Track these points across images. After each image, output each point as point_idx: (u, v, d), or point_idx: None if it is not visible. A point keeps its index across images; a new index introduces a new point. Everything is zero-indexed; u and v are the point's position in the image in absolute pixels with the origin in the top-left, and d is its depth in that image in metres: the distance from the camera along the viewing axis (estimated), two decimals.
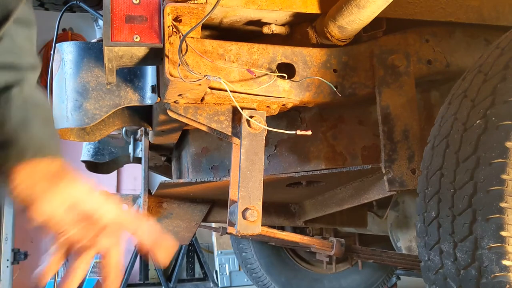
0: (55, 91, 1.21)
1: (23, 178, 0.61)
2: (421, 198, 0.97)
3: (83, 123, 1.14)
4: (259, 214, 1.09)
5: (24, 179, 0.61)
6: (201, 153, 1.60)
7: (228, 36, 1.24)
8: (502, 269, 0.78)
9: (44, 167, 0.62)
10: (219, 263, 4.88)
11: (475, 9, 1.32)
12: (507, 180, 0.80)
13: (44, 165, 0.62)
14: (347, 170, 1.31)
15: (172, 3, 1.01)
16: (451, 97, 0.99)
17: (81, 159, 2.26)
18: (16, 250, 4.05)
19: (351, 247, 1.84)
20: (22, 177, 0.61)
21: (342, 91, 1.22)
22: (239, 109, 1.09)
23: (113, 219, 0.63)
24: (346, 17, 1.11)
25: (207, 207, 1.85)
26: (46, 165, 0.62)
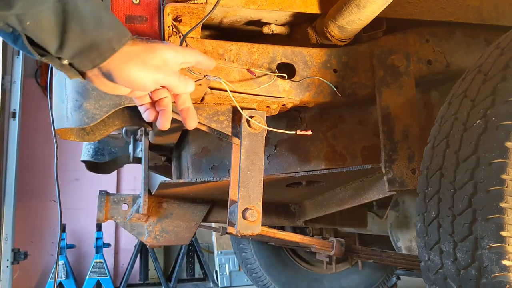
0: (55, 91, 1.21)
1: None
2: (421, 198, 0.97)
3: (83, 123, 1.14)
4: (259, 214, 1.09)
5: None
6: (201, 153, 1.60)
7: (228, 36, 1.24)
8: (502, 269, 0.78)
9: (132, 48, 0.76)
10: (219, 263, 4.88)
11: (475, 9, 1.32)
12: (507, 180, 0.80)
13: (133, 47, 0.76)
14: (347, 170, 1.31)
15: (172, 3, 1.01)
16: (451, 97, 0.99)
17: (81, 159, 2.26)
18: (16, 250, 4.05)
19: (351, 247, 1.84)
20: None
21: (342, 91, 1.22)
22: (239, 109, 1.09)
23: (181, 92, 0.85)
24: (346, 17, 1.11)
25: (207, 207, 1.85)
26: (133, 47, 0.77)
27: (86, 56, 0.73)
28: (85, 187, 4.80)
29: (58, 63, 0.73)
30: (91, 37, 0.71)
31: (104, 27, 0.73)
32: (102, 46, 0.73)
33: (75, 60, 0.73)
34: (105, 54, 0.73)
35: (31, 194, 4.73)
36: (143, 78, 0.77)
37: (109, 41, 0.73)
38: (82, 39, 0.71)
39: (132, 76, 0.76)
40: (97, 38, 0.72)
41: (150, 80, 0.78)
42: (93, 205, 2.26)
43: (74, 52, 0.71)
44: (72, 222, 4.66)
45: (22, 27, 0.67)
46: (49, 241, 4.79)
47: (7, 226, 4.00)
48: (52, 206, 4.80)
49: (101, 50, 0.73)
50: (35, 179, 4.76)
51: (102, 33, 0.72)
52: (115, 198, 1.81)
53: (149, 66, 0.78)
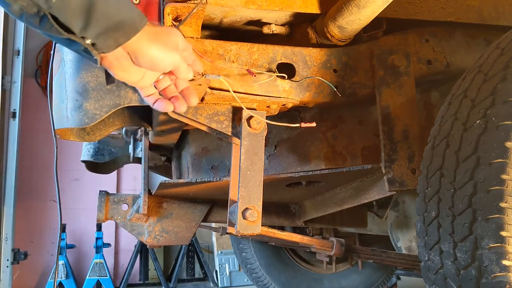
0: (55, 91, 1.21)
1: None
2: (421, 198, 0.97)
3: (83, 123, 1.14)
4: (259, 214, 1.09)
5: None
6: (201, 153, 1.60)
7: (228, 36, 1.24)
8: (502, 269, 0.78)
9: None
10: (219, 263, 4.88)
11: (475, 9, 1.32)
12: (507, 180, 0.80)
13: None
14: (347, 170, 1.31)
15: (172, 3, 1.01)
16: (451, 97, 0.99)
17: (81, 159, 2.26)
18: (16, 250, 4.05)
19: (351, 247, 1.84)
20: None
21: (342, 91, 1.22)
22: (242, 107, 1.09)
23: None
24: (346, 17, 1.11)
25: (207, 207, 1.85)
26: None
27: (111, 35, 0.74)
28: (85, 187, 4.80)
29: (82, 42, 0.74)
30: (116, 17, 0.73)
31: (127, 8, 0.76)
32: (126, 26, 0.75)
33: (99, 40, 0.74)
34: (129, 33, 0.76)
35: (31, 194, 4.73)
36: (164, 57, 0.82)
37: (132, 22, 0.76)
38: (107, 18, 0.73)
39: (154, 55, 0.80)
40: (122, 18, 0.74)
41: (170, 59, 0.83)
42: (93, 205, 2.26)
43: (99, 31, 0.73)
44: (72, 222, 4.66)
45: (48, 5, 0.67)
46: (49, 241, 4.79)
47: (7, 226, 4.00)
48: (52, 206, 4.80)
49: (125, 30, 0.75)
50: (35, 179, 4.76)
51: (126, 13, 0.75)
52: (115, 198, 1.81)
53: (168, 47, 0.82)
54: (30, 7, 0.67)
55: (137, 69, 0.84)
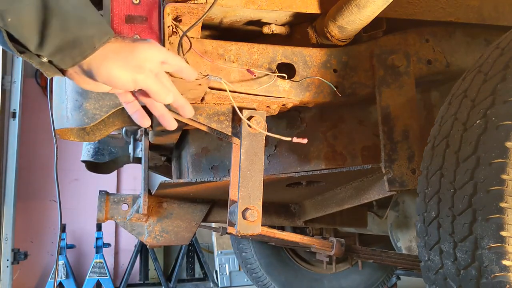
0: (55, 91, 1.21)
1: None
2: (421, 198, 0.97)
3: (83, 123, 1.14)
4: (259, 214, 1.09)
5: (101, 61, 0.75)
6: (201, 153, 1.60)
7: (228, 36, 1.24)
8: (502, 269, 0.78)
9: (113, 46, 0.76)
10: (219, 263, 4.88)
11: (475, 9, 1.32)
12: (507, 180, 0.80)
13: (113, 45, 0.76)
14: (347, 170, 1.31)
15: (172, 3, 1.01)
16: (451, 97, 0.99)
17: (81, 159, 2.26)
18: (16, 250, 4.05)
19: (351, 247, 1.84)
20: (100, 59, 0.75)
21: (342, 91, 1.22)
22: (238, 112, 1.09)
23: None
24: (346, 17, 1.11)
25: (207, 207, 1.85)
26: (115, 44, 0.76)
27: (67, 53, 0.72)
28: (85, 187, 4.80)
29: (37, 60, 0.72)
30: (72, 34, 0.71)
31: (85, 25, 0.72)
32: (83, 44, 0.72)
33: (55, 58, 0.72)
34: (86, 52, 0.73)
35: (31, 194, 4.73)
36: (122, 76, 0.76)
37: (90, 39, 0.73)
38: (63, 36, 0.70)
39: (111, 74, 0.75)
40: (78, 35, 0.71)
41: (129, 79, 0.77)
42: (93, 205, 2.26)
43: (54, 49, 0.71)
44: (72, 222, 4.66)
45: (4, 23, 0.66)
46: (49, 241, 4.79)
47: (7, 226, 4.00)
48: (52, 206, 4.80)
49: (82, 48, 0.72)
50: (35, 179, 4.76)
51: (83, 30, 0.72)
52: (115, 198, 1.81)
53: (129, 65, 0.77)
54: None
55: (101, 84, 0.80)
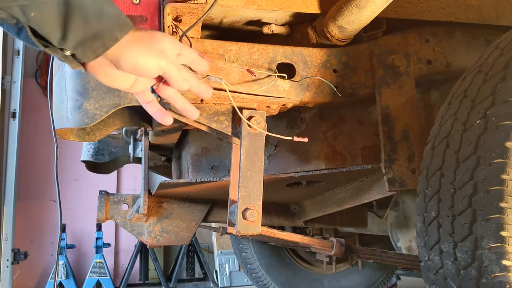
0: (55, 91, 1.21)
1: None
2: (421, 198, 0.97)
3: (83, 123, 1.14)
4: (259, 214, 1.09)
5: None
6: (201, 153, 1.60)
7: (228, 36, 1.24)
8: (502, 269, 0.77)
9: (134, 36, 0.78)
10: (219, 263, 4.88)
11: (475, 9, 1.32)
12: (507, 180, 0.80)
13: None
14: (347, 170, 1.31)
15: (172, 3, 1.01)
16: (451, 97, 0.99)
17: (81, 159, 2.26)
18: (16, 250, 4.05)
19: (351, 247, 1.84)
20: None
21: (342, 91, 1.22)
22: (237, 111, 1.09)
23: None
24: (346, 17, 1.11)
25: (207, 207, 1.85)
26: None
27: (89, 46, 0.73)
28: (85, 187, 4.80)
29: (61, 54, 0.74)
30: (93, 27, 0.72)
31: (106, 17, 0.74)
32: (104, 36, 0.74)
33: (77, 51, 0.73)
34: (107, 44, 0.74)
35: (31, 194, 4.73)
36: (147, 62, 0.79)
37: (111, 31, 0.74)
38: (85, 29, 0.72)
39: (137, 61, 0.78)
40: (100, 28, 0.73)
41: (154, 64, 0.80)
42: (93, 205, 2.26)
43: (76, 43, 0.72)
44: (72, 222, 4.66)
45: (26, 18, 0.68)
46: (49, 241, 4.79)
47: (7, 226, 4.00)
48: (52, 206, 4.80)
49: (104, 40, 0.74)
50: (35, 179, 4.76)
51: (104, 23, 0.73)
52: (115, 198, 1.81)
53: (152, 51, 0.79)
54: (10, 19, 0.68)
55: (124, 75, 0.81)
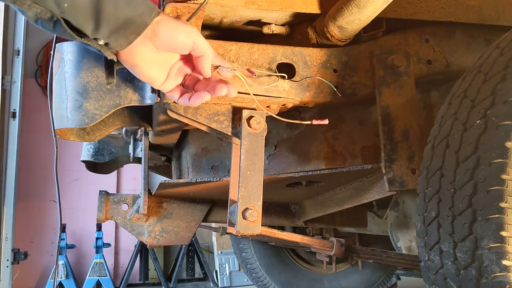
0: (55, 91, 1.21)
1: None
2: (421, 198, 0.97)
3: (83, 123, 1.14)
4: (259, 214, 1.09)
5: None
6: (201, 153, 1.60)
7: (228, 36, 1.24)
8: (502, 269, 0.78)
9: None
10: (219, 263, 4.88)
11: (475, 9, 1.32)
12: (507, 180, 0.80)
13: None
14: (347, 170, 1.31)
15: (172, 3, 1.01)
16: (451, 97, 0.99)
17: (81, 159, 2.26)
18: (16, 250, 4.05)
19: (351, 247, 1.84)
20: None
21: (342, 91, 1.22)
22: (257, 104, 1.09)
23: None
24: (346, 17, 1.11)
25: (207, 207, 1.85)
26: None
27: (121, 34, 0.75)
28: (85, 187, 4.80)
29: (96, 43, 0.76)
30: (124, 15, 0.74)
31: (134, 3, 0.76)
32: (135, 22, 0.76)
33: (111, 39, 0.76)
34: (139, 29, 0.77)
35: (31, 194, 4.73)
36: (181, 33, 0.82)
37: (141, 16, 0.76)
38: (116, 17, 0.74)
39: (172, 35, 0.81)
40: (130, 15, 0.75)
41: (188, 35, 0.83)
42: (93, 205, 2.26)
43: (109, 31, 0.74)
44: (72, 222, 4.66)
45: (61, 10, 0.69)
46: (49, 241, 4.79)
47: (7, 226, 4.00)
48: (52, 206, 4.80)
49: (135, 26, 0.76)
50: (35, 179, 4.76)
51: (133, 9, 0.75)
52: (115, 198, 1.81)
53: (183, 25, 0.83)
54: (44, 13, 0.70)
55: (159, 61, 0.84)
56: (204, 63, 0.89)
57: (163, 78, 0.87)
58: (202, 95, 0.91)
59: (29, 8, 0.68)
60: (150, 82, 0.88)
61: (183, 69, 0.92)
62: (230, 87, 0.93)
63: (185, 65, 0.92)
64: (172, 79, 0.90)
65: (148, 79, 0.87)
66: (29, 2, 0.67)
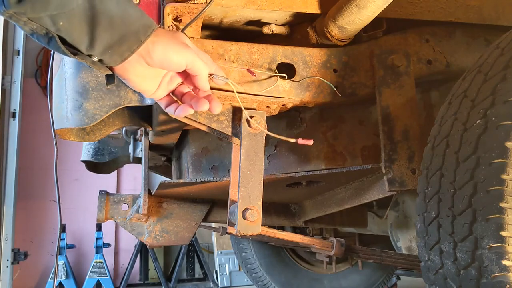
0: (55, 91, 1.21)
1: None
2: (421, 198, 0.97)
3: (83, 123, 1.14)
4: (259, 214, 1.09)
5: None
6: (201, 153, 1.60)
7: (228, 36, 1.24)
8: (502, 269, 0.78)
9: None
10: (219, 263, 4.88)
11: (475, 9, 1.32)
12: (507, 180, 0.80)
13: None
14: (347, 170, 1.31)
15: (172, 3, 1.01)
16: (451, 97, 0.99)
17: (81, 159, 2.26)
18: (16, 250, 4.05)
19: (351, 247, 1.84)
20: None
21: (342, 91, 1.22)
22: (244, 112, 1.09)
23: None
24: (346, 17, 1.11)
25: (207, 207, 1.85)
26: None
27: (116, 51, 0.75)
28: (85, 187, 4.80)
29: (89, 60, 0.76)
30: (118, 32, 0.74)
31: (130, 21, 0.75)
32: (129, 39, 0.75)
33: (105, 56, 0.75)
34: (133, 47, 0.76)
35: (31, 194, 4.73)
36: (175, 54, 0.82)
37: (136, 34, 0.76)
38: (111, 34, 0.73)
39: (166, 53, 0.80)
40: (124, 32, 0.75)
41: (181, 56, 0.82)
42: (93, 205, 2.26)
43: (103, 48, 0.74)
44: (72, 222, 4.66)
45: (56, 27, 0.69)
46: (49, 241, 4.79)
47: (7, 226, 4.00)
48: (52, 206, 4.80)
49: (129, 43, 0.76)
50: (35, 179, 4.76)
51: (128, 26, 0.75)
52: (115, 198, 1.81)
53: (178, 44, 0.82)
54: (40, 29, 0.70)
55: (151, 75, 0.84)
56: (199, 82, 0.89)
57: (154, 89, 0.88)
58: (185, 109, 0.91)
59: (25, 24, 0.69)
60: (142, 92, 0.89)
61: (176, 78, 0.92)
62: (213, 104, 0.91)
63: (178, 74, 0.92)
64: (163, 88, 0.90)
65: (140, 91, 0.87)
66: (25, 18, 0.67)
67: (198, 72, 0.87)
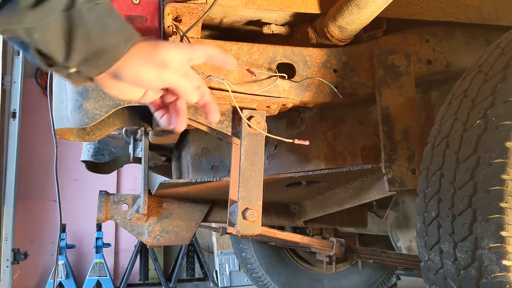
0: (55, 91, 1.21)
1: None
2: (421, 198, 0.97)
3: (83, 123, 1.14)
4: (259, 214, 1.09)
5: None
6: (201, 153, 1.60)
7: (228, 36, 1.24)
8: (502, 269, 0.78)
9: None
10: (219, 263, 4.88)
11: (475, 9, 1.32)
12: (507, 180, 0.80)
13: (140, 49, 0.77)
14: (347, 170, 1.31)
15: (172, 3, 1.01)
16: (451, 97, 0.99)
17: (81, 159, 2.26)
18: (16, 250, 4.05)
19: (351, 247, 1.84)
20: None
21: (342, 91, 1.22)
22: (239, 112, 1.09)
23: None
24: (346, 17, 1.11)
25: (207, 207, 1.85)
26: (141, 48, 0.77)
27: (93, 63, 0.73)
28: (85, 187, 4.80)
29: (65, 72, 0.74)
30: (96, 45, 0.72)
31: (109, 33, 0.73)
32: (108, 53, 0.73)
33: (81, 68, 0.74)
34: (110, 61, 0.74)
35: (31, 194, 4.73)
36: (147, 74, 0.77)
37: (115, 47, 0.74)
38: (88, 47, 0.72)
39: (137, 72, 0.76)
40: (103, 45, 0.73)
41: (155, 76, 0.77)
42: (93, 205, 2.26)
43: (80, 61, 0.72)
44: (72, 222, 4.66)
45: (31, 39, 0.68)
46: (49, 241, 4.79)
47: (7, 226, 4.00)
48: (52, 206, 4.80)
49: (107, 57, 0.74)
50: (35, 179, 4.76)
51: (107, 39, 0.73)
52: (115, 198, 1.81)
53: (153, 62, 0.77)
54: (16, 39, 0.69)
55: (131, 86, 0.81)
56: (184, 99, 0.84)
57: (139, 95, 0.83)
58: (163, 122, 0.87)
59: (2, 32, 0.68)
60: (128, 100, 0.86)
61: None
62: (179, 123, 0.85)
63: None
64: (151, 94, 0.85)
65: (125, 99, 0.85)
66: (0, 29, 0.66)
67: (180, 93, 0.82)
